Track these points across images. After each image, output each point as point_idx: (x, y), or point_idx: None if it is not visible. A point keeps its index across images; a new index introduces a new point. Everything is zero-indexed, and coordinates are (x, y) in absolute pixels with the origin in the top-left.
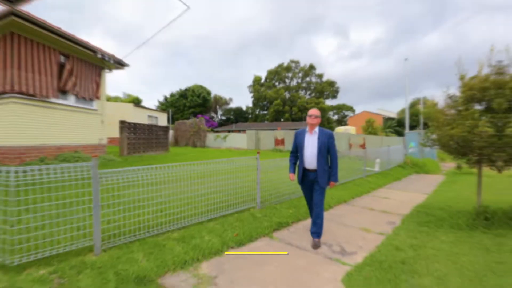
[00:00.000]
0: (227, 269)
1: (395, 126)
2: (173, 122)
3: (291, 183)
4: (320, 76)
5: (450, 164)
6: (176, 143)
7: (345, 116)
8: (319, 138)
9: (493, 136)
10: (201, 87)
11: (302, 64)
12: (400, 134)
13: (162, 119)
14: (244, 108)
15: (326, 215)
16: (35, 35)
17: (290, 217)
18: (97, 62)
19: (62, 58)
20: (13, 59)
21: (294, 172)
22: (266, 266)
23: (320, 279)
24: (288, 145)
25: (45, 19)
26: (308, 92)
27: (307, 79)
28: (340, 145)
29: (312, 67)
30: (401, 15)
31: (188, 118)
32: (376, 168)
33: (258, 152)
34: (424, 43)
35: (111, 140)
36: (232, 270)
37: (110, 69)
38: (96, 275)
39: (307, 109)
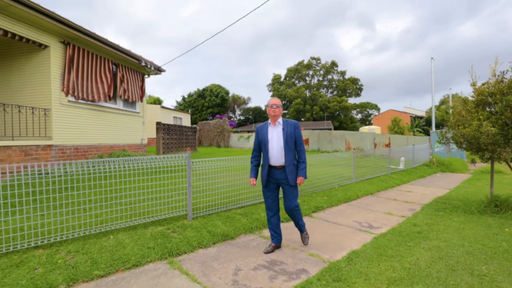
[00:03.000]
0: (282, 233)
1: (424, 125)
2: (192, 123)
3: (323, 176)
4: (342, 73)
5: (479, 164)
6: (200, 143)
7: (370, 115)
8: (284, 129)
9: (496, 135)
10: (219, 86)
11: (323, 61)
12: (429, 133)
13: (186, 120)
14: (263, 108)
15: (355, 203)
16: (93, 48)
17: (324, 203)
18: (140, 69)
19: (114, 67)
20: (78, 69)
21: (255, 176)
22: (312, 233)
23: (353, 240)
24: (313, 145)
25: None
26: (330, 90)
27: (329, 76)
28: (365, 145)
29: (334, 64)
30: (432, 2)
31: (206, 119)
32: (401, 166)
33: None
34: (458, 33)
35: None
36: (286, 234)
37: (149, 75)
38: (195, 231)
39: (329, 108)
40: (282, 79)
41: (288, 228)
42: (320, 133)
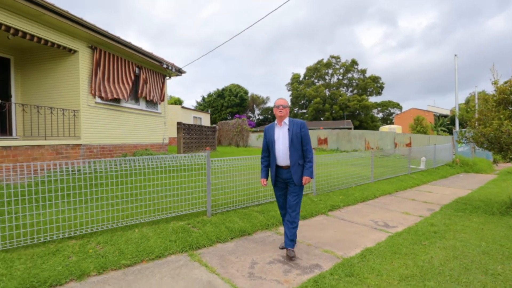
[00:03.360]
0: (298, 230)
1: (448, 124)
2: (211, 122)
3: (340, 176)
4: (363, 71)
5: (506, 164)
6: (219, 142)
7: (391, 113)
8: (289, 129)
9: None
10: (238, 86)
11: (343, 60)
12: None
13: (205, 120)
14: (289, 105)
15: (372, 202)
16: (118, 51)
17: (341, 202)
18: (161, 71)
19: (137, 70)
20: (104, 72)
21: (266, 177)
22: (327, 230)
23: (368, 238)
24: (331, 144)
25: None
26: (350, 89)
27: (349, 75)
28: (385, 144)
29: (354, 63)
30: None
31: (226, 118)
32: (422, 166)
33: (313, 149)
34: (486, 27)
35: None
36: (302, 231)
37: (170, 76)
38: (214, 227)
39: (349, 107)
40: (301, 78)
41: (303, 225)
42: (339, 132)
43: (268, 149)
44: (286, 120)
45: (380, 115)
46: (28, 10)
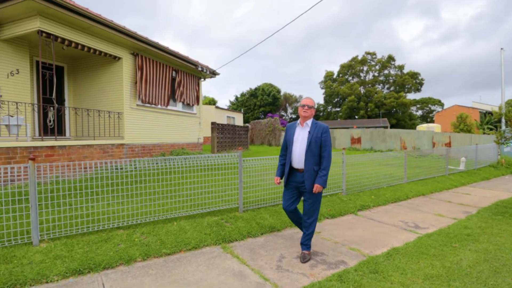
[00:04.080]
0: (326, 229)
1: (496, 122)
2: (244, 122)
3: (372, 176)
4: (400, 67)
5: None
6: (252, 141)
7: (431, 111)
8: (310, 132)
9: None
10: (271, 85)
11: (379, 56)
12: None
13: (238, 119)
14: (315, 106)
15: (404, 203)
16: (157, 57)
17: (371, 202)
18: (196, 73)
19: (174, 73)
20: (145, 76)
21: (281, 175)
22: (355, 229)
23: (396, 238)
24: (365, 144)
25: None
26: (386, 86)
27: (385, 71)
28: (422, 144)
29: (391, 58)
30: None
31: (258, 117)
32: (461, 167)
33: (343, 149)
34: None
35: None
36: (330, 230)
37: (205, 78)
38: (246, 222)
39: (385, 104)
40: (334, 76)
41: (332, 224)
42: (373, 131)
43: (287, 147)
44: (309, 121)
45: (419, 112)
46: (80, 23)
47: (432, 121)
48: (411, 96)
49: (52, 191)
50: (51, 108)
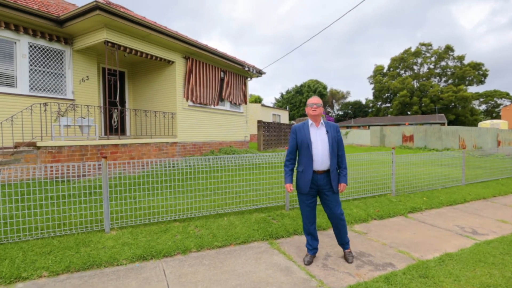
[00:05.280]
0: (374, 230)
1: None
2: (289, 119)
3: (424, 176)
4: (460, 58)
5: None
6: None
7: (498, 105)
8: (328, 132)
9: None
10: (317, 81)
11: (435, 47)
12: None
13: (284, 117)
14: (364, 102)
15: (461, 207)
16: (206, 59)
17: (423, 204)
18: (243, 73)
19: (222, 74)
20: (195, 78)
21: (292, 181)
22: (405, 232)
23: (450, 243)
24: (418, 142)
25: (171, 27)
26: (444, 79)
27: (442, 63)
28: (485, 142)
29: (448, 49)
30: None
31: (304, 115)
32: None
33: (393, 148)
34: None
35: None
36: (378, 231)
37: (251, 78)
38: (292, 220)
39: (442, 99)
40: (385, 70)
41: (379, 225)
42: (427, 128)
43: (296, 152)
44: (322, 120)
45: (483, 107)
46: (139, 32)
47: (498, 117)
48: (472, 89)
49: (116, 186)
50: (115, 110)
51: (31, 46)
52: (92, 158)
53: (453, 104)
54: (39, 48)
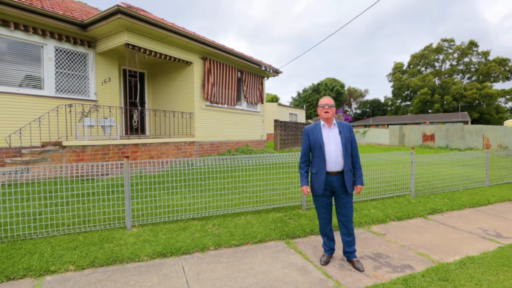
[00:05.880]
0: (392, 231)
1: None
2: (306, 118)
3: (445, 177)
4: (485, 54)
5: None
6: None
7: None
8: (341, 132)
9: None
10: (334, 80)
11: (458, 42)
12: None
13: (300, 116)
14: (382, 100)
15: (484, 209)
16: (223, 59)
17: (444, 206)
18: (260, 73)
19: (239, 74)
20: (213, 78)
21: (308, 183)
22: (424, 234)
23: (472, 246)
24: (439, 141)
25: (188, 28)
26: (467, 76)
27: (465, 59)
28: (511, 142)
29: (472, 44)
30: None
31: None
32: None
33: (412, 148)
34: None
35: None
36: (396, 232)
37: (268, 77)
38: (309, 220)
39: (465, 97)
40: (404, 67)
41: (398, 227)
42: (449, 127)
43: (310, 153)
44: (334, 121)
45: (510, 104)
46: (158, 34)
47: None
48: (498, 86)
49: (136, 184)
50: (135, 110)
51: (57, 50)
52: (114, 157)
53: (477, 101)
54: (64, 51)
